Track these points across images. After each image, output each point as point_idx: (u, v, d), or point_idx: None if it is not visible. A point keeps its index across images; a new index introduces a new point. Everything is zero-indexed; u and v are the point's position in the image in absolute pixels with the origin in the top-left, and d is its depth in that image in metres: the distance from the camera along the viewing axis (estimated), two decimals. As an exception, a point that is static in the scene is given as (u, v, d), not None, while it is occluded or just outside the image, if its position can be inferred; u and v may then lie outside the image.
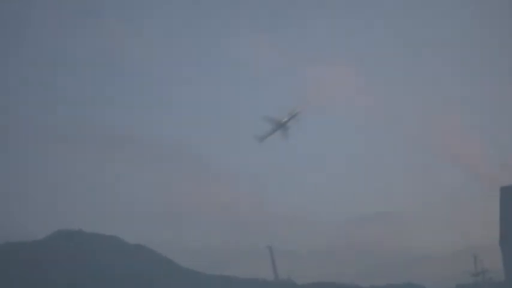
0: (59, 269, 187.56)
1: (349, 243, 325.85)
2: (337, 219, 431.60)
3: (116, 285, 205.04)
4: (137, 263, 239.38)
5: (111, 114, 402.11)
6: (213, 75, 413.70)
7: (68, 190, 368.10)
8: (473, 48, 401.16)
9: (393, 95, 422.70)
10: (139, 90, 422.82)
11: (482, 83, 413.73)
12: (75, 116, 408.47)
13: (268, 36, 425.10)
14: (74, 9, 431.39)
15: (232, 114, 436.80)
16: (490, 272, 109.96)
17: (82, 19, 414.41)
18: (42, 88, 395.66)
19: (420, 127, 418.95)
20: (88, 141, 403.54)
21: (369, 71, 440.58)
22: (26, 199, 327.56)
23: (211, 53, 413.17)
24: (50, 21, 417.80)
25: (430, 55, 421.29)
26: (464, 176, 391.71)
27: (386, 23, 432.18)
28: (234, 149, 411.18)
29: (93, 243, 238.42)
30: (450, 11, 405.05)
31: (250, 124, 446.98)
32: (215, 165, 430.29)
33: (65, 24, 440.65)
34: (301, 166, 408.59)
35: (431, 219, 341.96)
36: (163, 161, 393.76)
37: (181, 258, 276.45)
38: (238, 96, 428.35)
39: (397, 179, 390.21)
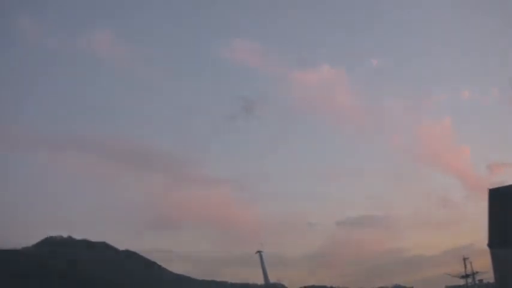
0: (49, 276, 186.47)
1: (340, 246, 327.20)
2: (327, 221, 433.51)
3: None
4: (127, 269, 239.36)
5: (100, 120, 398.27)
6: (198, 81, 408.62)
7: (56, 197, 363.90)
8: (461, 52, 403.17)
9: (382, 100, 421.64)
10: (127, 95, 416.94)
11: (467, 87, 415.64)
12: (63, 123, 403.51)
13: (251, 40, 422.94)
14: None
15: (221, 120, 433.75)
16: (480, 273, 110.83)
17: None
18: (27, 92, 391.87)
19: (408, 131, 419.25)
20: (77, 148, 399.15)
21: (359, 75, 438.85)
22: (14, 206, 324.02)
23: (194, 57, 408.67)
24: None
25: (419, 60, 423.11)
26: (453, 178, 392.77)
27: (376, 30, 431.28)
28: (225, 155, 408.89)
29: (83, 250, 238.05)
30: (442, 14, 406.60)
31: (239, 129, 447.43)
32: (206, 171, 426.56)
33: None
34: (290, 170, 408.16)
35: (420, 222, 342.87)
36: (153, 167, 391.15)
37: (172, 264, 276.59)
38: (226, 102, 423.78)
39: (385, 183, 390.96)
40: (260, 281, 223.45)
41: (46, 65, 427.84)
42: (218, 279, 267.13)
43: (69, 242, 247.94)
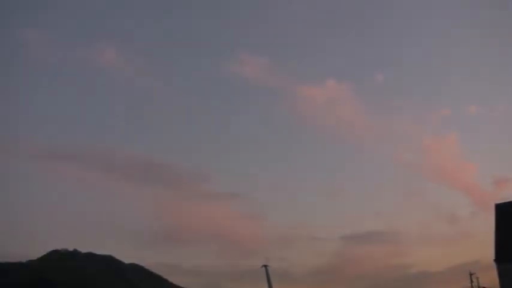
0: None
1: (345, 261, 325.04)
2: (332, 236, 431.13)
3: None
4: (133, 282, 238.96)
5: (107, 133, 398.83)
6: (202, 94, 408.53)
7: (62, 210, 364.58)
8: (468, 67, 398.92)
9: (387, 115, 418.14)
10: (133, 109, 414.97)
11: (474, 102, 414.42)
12: (70, 135, 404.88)
13: (256, 53, 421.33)
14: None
15: (226, 134, 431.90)
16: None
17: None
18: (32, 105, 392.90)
19: (414, 146, 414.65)
20: (83, 161, 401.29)
21: (365, 90, 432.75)
22: (19, 219, 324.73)
23: (196, 73, 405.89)
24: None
25: (425, 74, 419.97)
26: (459, 194, 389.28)
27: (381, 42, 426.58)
28: (229, 168, 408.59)
29: (88, 263, 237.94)
30: (449, 28, 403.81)
31: (242, 142, 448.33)
32: (211, 185, 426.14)
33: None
34: (295, 184, 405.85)
35: (426, 238, 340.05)
36: (158, 180, 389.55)
37: (177, 278, 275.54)
38: (230, 115, 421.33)
39: (391, 199, 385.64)
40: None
41: (52, 76, 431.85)
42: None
43: (75, 255, 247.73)
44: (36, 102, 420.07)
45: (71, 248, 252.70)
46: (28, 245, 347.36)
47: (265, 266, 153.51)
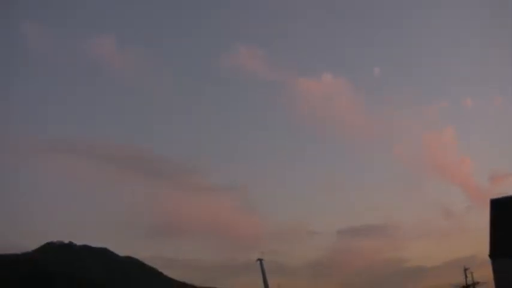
0: (49, 281, 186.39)
1: (341, 255, 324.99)
2: (328, 230, 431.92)
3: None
4: (128, 275, 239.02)
5: (106, 127, 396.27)
6: (203, 87, 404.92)
7: (58, 202, 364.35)
8: (464, 61, 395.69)
9: (385, 111, 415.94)
10: (133, 102, 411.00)
11: (470, 96, 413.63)
12: (69, 127, 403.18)
13: (255, 47, 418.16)
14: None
15: (225, 128, 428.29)
16: (481, 284, 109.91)
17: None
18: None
19: (410, 141, 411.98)
20: (81, 154, 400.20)
21: (362, 85, 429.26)
22: (15, 211, 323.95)
23: (195, 66, 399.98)
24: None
25: (422, 68, 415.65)
26: (455, 189, 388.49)
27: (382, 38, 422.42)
28: (226, 161, 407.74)
29: (84, 255, 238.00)
30: (445, 23, 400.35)
31: (240, 136, 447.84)
32: (208, 179, 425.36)
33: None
34: (292, 179, 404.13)
35: (422, 233, 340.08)
36: (156, 174, 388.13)
37: (173, 271, 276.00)
38: (228, 110, 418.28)
39: (387, 193, 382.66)
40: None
41: (57, 70, 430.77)
42: (219, 286, 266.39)
43: (70, 247, 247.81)
44: (35, 98, 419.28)
45: (66, 241, 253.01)
46: (23, 237, 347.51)
47: (260, 259, 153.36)
